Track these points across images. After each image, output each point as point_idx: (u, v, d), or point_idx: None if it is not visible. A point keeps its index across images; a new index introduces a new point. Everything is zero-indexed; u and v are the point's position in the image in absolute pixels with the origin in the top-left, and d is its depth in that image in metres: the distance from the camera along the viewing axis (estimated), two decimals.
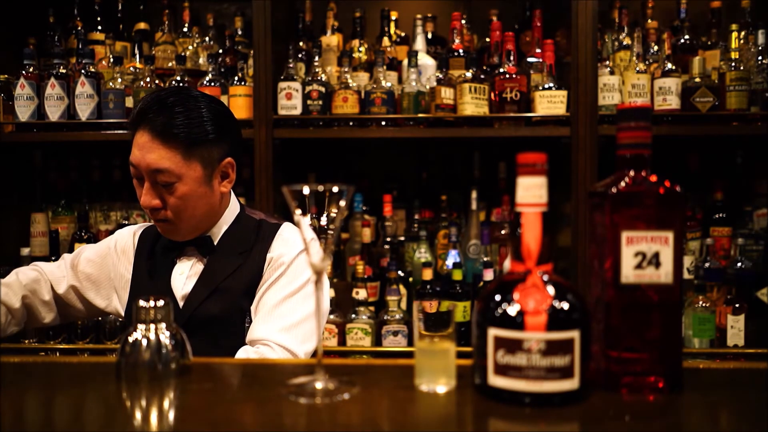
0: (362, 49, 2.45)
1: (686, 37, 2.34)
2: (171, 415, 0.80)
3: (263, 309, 1.39)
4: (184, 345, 0.92)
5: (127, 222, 2.49)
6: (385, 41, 2.47)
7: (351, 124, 2.24)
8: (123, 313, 1.53)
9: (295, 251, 1.43)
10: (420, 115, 2.21)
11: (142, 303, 0.90)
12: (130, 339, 0.89)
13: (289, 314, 1.37)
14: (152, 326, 0.90)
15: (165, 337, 0.89)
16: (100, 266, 1.54)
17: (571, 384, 0.75)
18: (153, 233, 1.52)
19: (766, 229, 2.33)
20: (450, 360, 0.84)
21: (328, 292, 1.64)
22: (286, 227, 1.49)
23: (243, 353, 1.35)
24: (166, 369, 0.88)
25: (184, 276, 1.45)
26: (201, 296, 1.41)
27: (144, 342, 0.88)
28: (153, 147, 1.34)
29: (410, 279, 2.32)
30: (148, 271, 1.49)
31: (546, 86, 2.18)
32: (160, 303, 0.91)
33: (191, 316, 1.39)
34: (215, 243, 1.46)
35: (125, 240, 1.56)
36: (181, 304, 1.42)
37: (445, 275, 2.26)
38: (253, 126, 2.21)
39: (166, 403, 0.83)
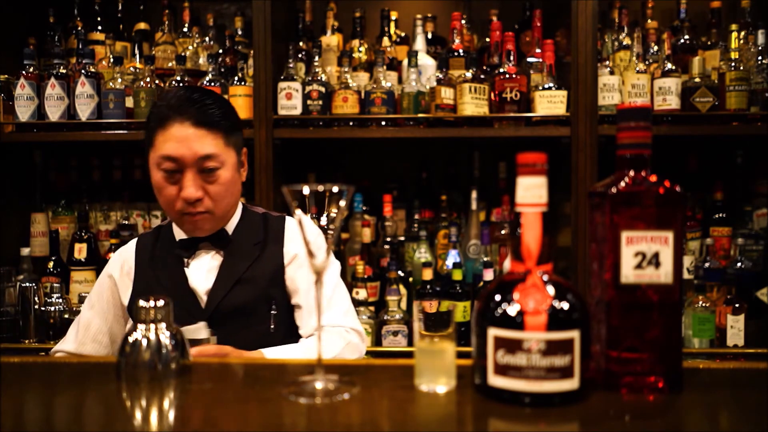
0: (362, 49, 2.44)
1: (686, 37, 2.34)
2: (171, 415, 0.80)
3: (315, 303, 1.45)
4: (184, 345, 0.92)
5: (127, 222, 2.49)
6: (385, 41, 2.47)
7: (351, 124, 2.24)
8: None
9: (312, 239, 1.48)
10: (420, 115, 2.21)
11: (142, 303, 0.90)
12: (130, 339, 0.89)
13: (340, 300, 1.49)
14: (152, 326, 0.90)
15: (165, 337, 0.89)
16: (103, 310, 1.53)
17: (571, 384, 0.75)
18: (150, 244, 1.53)
19: (766, 229, 2.33)
20: (450, 360, 0.84)
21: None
22: (292, 222, 1.53)
23: (331, 336, 1.41)
24: (166, 369, 0.88)
25: (203, 271, 1.46)
26: (225, 287, 1.43)
27: (144, 342, 0.88)
28: (198, 135, 1.37)
29: (410, 279, 2.32)
30: (157, 279, 1.48)
31: (546, 86, 2.18)
32: (160, 303, 0.91)
33: (216, 309, 1.41)
34: (230, 235, 1.49)
35: (116, 268, 1.54)
36: (204, 299, 1.43)
37: (445, 275, 2.26)
38: (253, 126, 2.21)
39: (166, 403, 0.83)
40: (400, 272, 2.25)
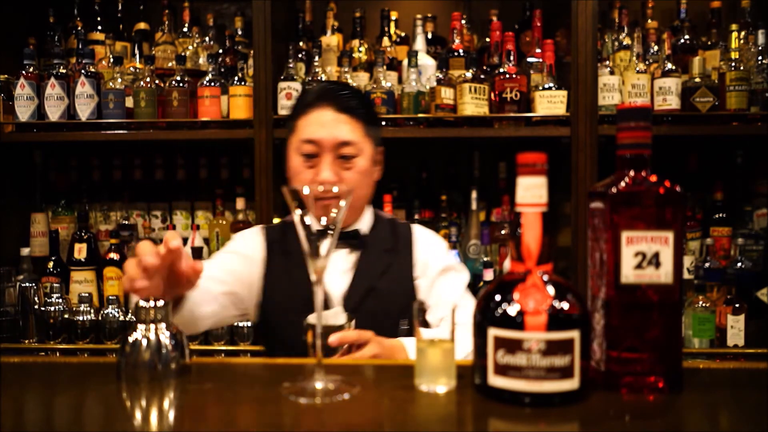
0: (362, 49, 2.44)
1: (686, 37, 2.34)
2: (171, 415, 0.80)
3: (453, 300, 1.46)
4: (183, 345, 0.91)
5: (127, 222, 2.48)
6: (385, 41, 2.47)
7: None
8: (253, 316, 1.49)
9: (443, 250, 1.56)
10: (420, 115, 2.21)
11: (142, 303, 0.90)
12: (130, 339, 0.89)
13: (467, 295, 1.53)
14: (152, 326, 0.90)
15: (165, 337, 0.89)
16: (236, 280, 1.46)
17: (571, 384, 0.75)
18: (278, 236, 1.50)
19: (766, 229, 2.33)
20: (450, 360, 0.84)
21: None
22: (419, 231, 1.56)
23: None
24: (166, 369, 0.88)
25: (337, 272, 1.44)
26: (359, 293, 1.42)
27: (144, 342, 0.88)
28: (339, 121, 1.41)
29: None
30: (288, 273, 1.45)
31: (546, 86, 2.18)
32: (160, 303, 0.91)
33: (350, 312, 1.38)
34: (362, 237, 1.48)
35: (250, 244, 1.50)
36: (335, 301, 1.41)
37: None
38: (253, 126, 2.21)
39: (166, 403, 0.82)
40: None
